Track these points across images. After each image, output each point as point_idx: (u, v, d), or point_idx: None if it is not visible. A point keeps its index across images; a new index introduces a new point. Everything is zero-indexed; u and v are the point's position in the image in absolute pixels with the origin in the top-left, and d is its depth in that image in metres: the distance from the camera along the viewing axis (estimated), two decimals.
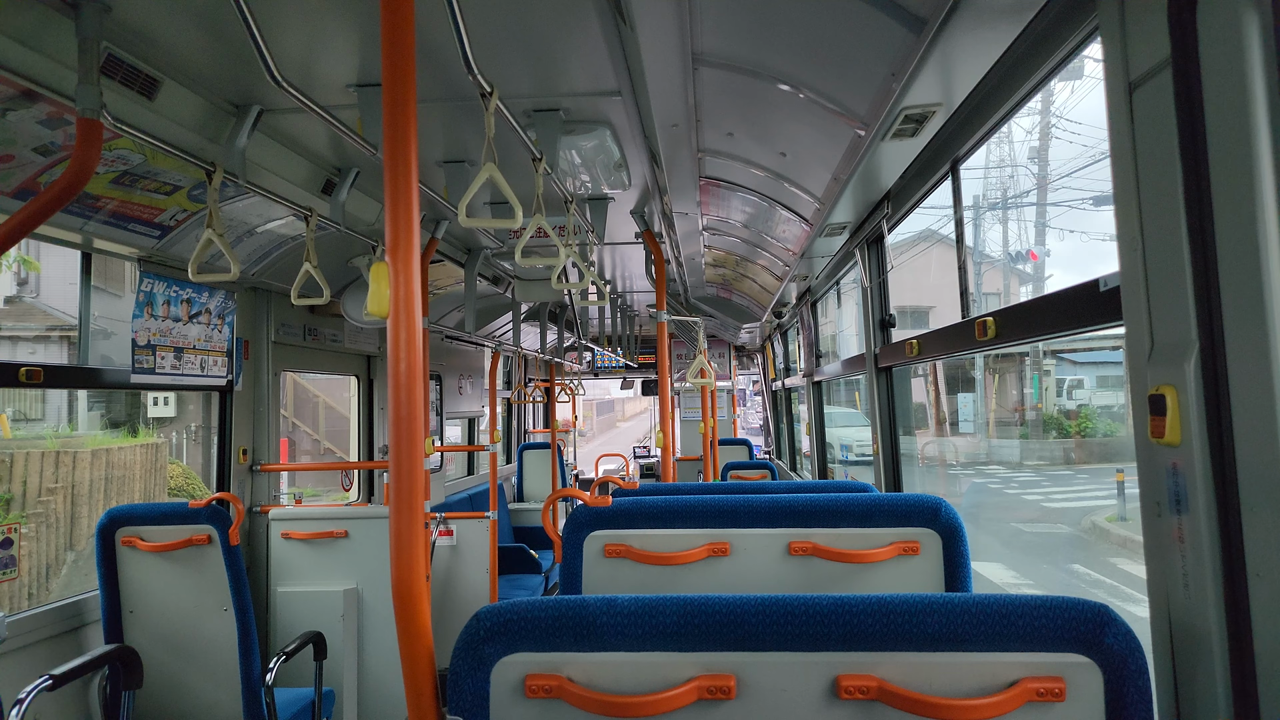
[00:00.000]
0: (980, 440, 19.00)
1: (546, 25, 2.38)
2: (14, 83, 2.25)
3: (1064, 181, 19.89)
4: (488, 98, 2.23)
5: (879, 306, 4.25)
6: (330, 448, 16.94)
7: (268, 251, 4.16)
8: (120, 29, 2.31)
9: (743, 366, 13.18)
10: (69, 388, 3.75)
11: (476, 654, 1.39)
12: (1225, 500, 1.29)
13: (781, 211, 4.26)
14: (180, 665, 3.68)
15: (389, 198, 1.54)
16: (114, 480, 10.62)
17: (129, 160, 2.88)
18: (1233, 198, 1.26)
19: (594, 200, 4.25)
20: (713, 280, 7.57)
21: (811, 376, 7.05)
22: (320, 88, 2.78)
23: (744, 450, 9.38)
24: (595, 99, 2.94)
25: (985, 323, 2.54)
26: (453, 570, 5.46)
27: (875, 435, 4.25)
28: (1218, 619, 1.30)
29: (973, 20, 1.93)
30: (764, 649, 1.36)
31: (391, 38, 1.56)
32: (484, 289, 6.29)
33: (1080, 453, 17.22)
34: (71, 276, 12.49)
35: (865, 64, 2.37)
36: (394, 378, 1.53)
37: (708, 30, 2.43)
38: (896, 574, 2.08)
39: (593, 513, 2.19)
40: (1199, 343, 1.33)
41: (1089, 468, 16.44)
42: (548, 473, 9.82)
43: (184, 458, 14.00)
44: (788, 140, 3.30)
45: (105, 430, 13.09)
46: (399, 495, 1.49)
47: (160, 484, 11.65)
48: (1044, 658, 1.31)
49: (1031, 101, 2.36)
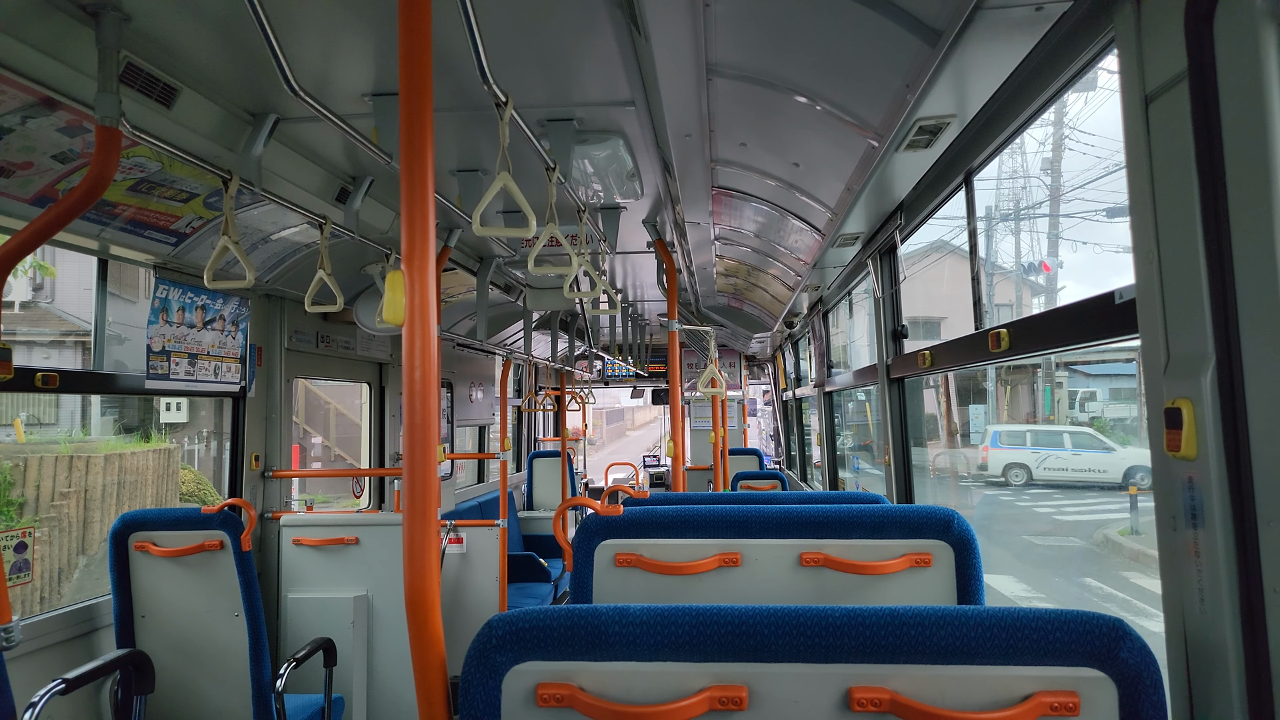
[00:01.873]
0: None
1: (561, 36, 2.40)
2: (34, 91, 2.28)
3: (1077, 193, 19.77)
4: (502, 107, 2.24)
5: (891, 317, 4.24)
6: (341, 454, 16.99)
7: (282, 259, 4.19)
8: (140, 38, 2.33)
9: (753, 376, 13.16)
10: (84, 393, 3.78)
11: (488, 662, 1.39)
12: (1242, 514, 1.29)
13: (794, 221, 4.26)
14: (191, 670, 3.69)
15: (405, 206, 1.54)
16: (126, 485, 10.65)
17: (146, 168, 2.91)
18: (1249, 210, 1.26)
19: (606, 209, 4.26)
20: (724, 289, 7.56)
21: (823, 387, 7.03)
22: (336, 97, 2.80)
23: (754, 460, 9.36)
24: (609, 109, 2.95)
25: (999, 334, 2.53)
26: (462, 578, 5.46)
27: (887, 446, 4.23)
28: (1234, 634, 1.29)
29: (988, 33, 1.93)
30: (776, 660, 1.36)
31: (408, 48, 1.58)
32: (496, 297, 6.30)
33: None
34: (86, 282, 12.58)
35: (880, 76, 2.37)
36: (408, 386, 1.54)
37: (722, 41, 2.44)
38: (908, 586, 2.07)
39: (604, 522, 2.18)
40: (1215, 356, 1.32)
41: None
42: (558, 481, 9.81)
43: (195, 463, 14.06)
44: (801, 151, 3.30)
45: (118, 435, 13.15)
46: (412, 503, 1.50)
47: (172, 489, 11.67)
48: (1058, 671, 1.30)
49: (1046, 113, 2.36)
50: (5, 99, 2.28)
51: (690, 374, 11.54)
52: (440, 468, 6.59)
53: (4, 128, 2.40)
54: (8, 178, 2.61)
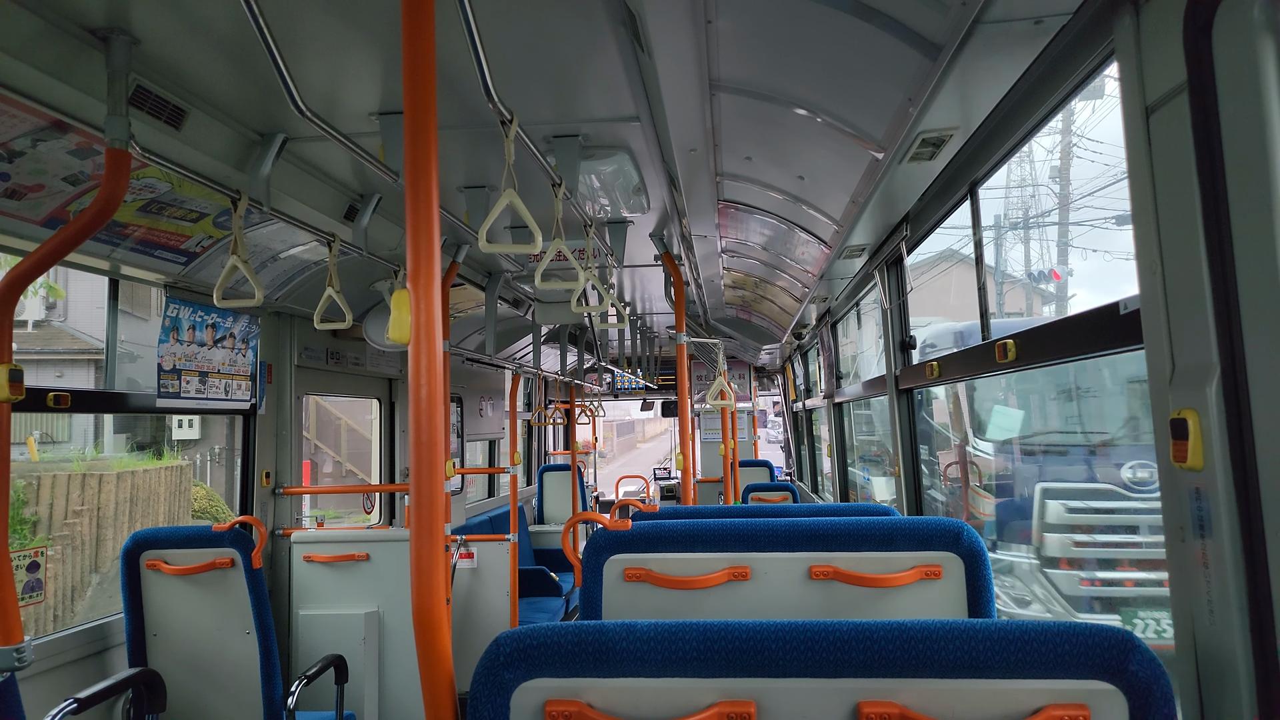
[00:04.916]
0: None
1: (565, 54, 2.41)
2: (45, 114, 2.31)
3: (1086, 201, 19.64)
4: (507, 125, 2.26)
5: (899, 328, 4.23)
6: (352, 469, 17.02)
7: (291, 276, 4.22)
8: (149, 61, 2.36)
9: (763, 388, 13.14)
10: (96, 412, 3.80)
11: (496, 679, 1.39)
12: (1249, 524, 1.28)
13: (800, 234, 4.26)
14: (203, 689, 3.69)
15: (410, 225, 1.55)
16: (139, 503, 10.69)
17: (156, 188, 2.94)
18: (1251, 221, 1.26)
19: (613, 224, 4.28)
20: (732, 301, 7.57)
21: (832, 398, 7.02)
22: (343, 116, 2.82)
23: (765, 472, 9.34)
24: (614, 124, 2.96)
25: (1005, 345, 2.53)
26: (473, 593, 5.46)
27: (896, 458, 4.22)
28: (1243, 645, 1.28)
29: (988, 46, 1.94)
30: (785, 675, 1.35)
31: (413, 67, 1.59)
32: (504, 311, 6.32)
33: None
34: (99, 300, 12.60)
35: (882, 89, 2.38)
36: (415, 403, 1.55)
37: (725, 57, 2.45)
38: (919, 598, 2.07)
39: (612, 536, 2.19)
40: (1220, 366, 1.32)
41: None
42: (568, 494, 9.81)
43: (208, 479, 14.11)
44: (805, 164, 3.31)
45: (131, 452, 13.20)
46: (419, 522, 1.50)
47: (184, 506, 11.71)
48: (1068, 685, 1.29)
49: (1053, 121, 2.36)
50: (16, 123, 2.31)
51: (700, 386, 11.53)
52: (451, 483, 6.59)
53: (15, 151, 2.43)
54: (19, 200, 2.64)
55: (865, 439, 9.43)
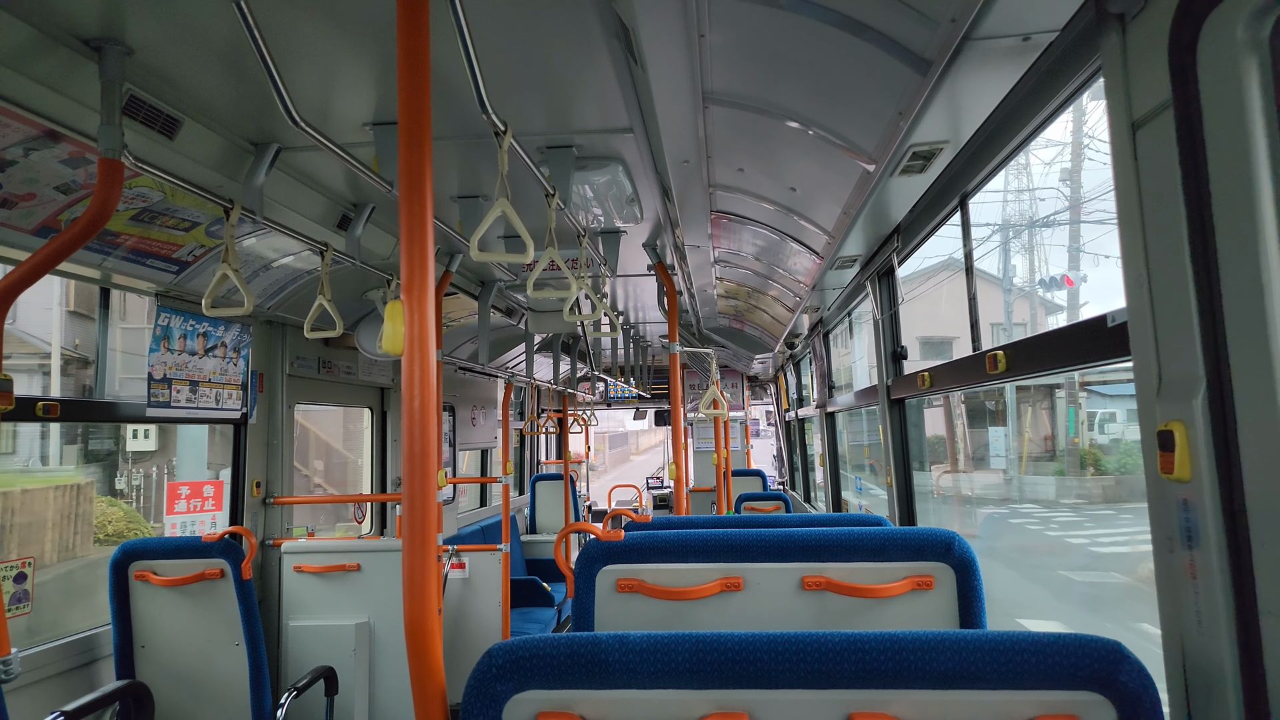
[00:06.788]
0: (1011, 476, 18.30)
1: (560, 66, 2.43)
2: (37, 124, 2.30)
3: (1095, 205, 19.54)
4: (501, 136, 2.27)
5: (890, 339, 4.25)
6: (322, 484, 16.12)
7: (284, 285, 4.21)
8: (142, 71, 2.36)
9: (756, 397, 13.15)
10: (86, 421, 3.79)
11: (488, 691, 1.39)
12: (1235, 536, 1.29)
13: (792, 244, 4.28)
14: (191, 701, 3.67)
15: (404, 237, 1.56)
16: (15, 529, 8.92)
17: (149, 198, 2.94)
18: (1236, 235, 1.27)
19: (606, 233, 4.29)
20: (725, 311, 7.59)
21: (825, 407, 7.03)
22: (337, 126, 2.83)
23: (758, 481, 9.33)
24: (607, 135, 2.97)
25: (996, 356, 2.54)
26: (465, 603, 5.44)
27: (888, 467, 4.23)
28: (1231, 656, 1.29)
29: (977, 62, 1.96)
30: (777, 686, 1.36)
31: (408, 78, 1.60)
32: (497, 320, 6.32)
33: (1120, 490, 16.57)
34: (46, 301, 11.71)
35: (873, 103, 2.40)
36: (408, 413, 1.55)
37: (718, 70, 2.47)
38: (910, 609, 2.07)
39: (605, 547, 2.18)
40: (1206, 378, 1.33)
41: (1132, 506, 15.65)
42: (560, 504, 9.79)
43: (161, 494, 12.60)
44: (797, 175, 3.33)
45: (79, 465, 11.31)
46: (411, 534, 1.50)
47: (82, 532, 9.72)
48: (1058, 696, 1.30)
49: (1056, 120, 2.37)
50: (9, 132, 2.31)
51: (693, 395, 11.54)
52: (442, 492, 6.57)
53: (7, 160, 2.43)
54: (10, 209, 2.63)
55: (857, 446, 9.34)
